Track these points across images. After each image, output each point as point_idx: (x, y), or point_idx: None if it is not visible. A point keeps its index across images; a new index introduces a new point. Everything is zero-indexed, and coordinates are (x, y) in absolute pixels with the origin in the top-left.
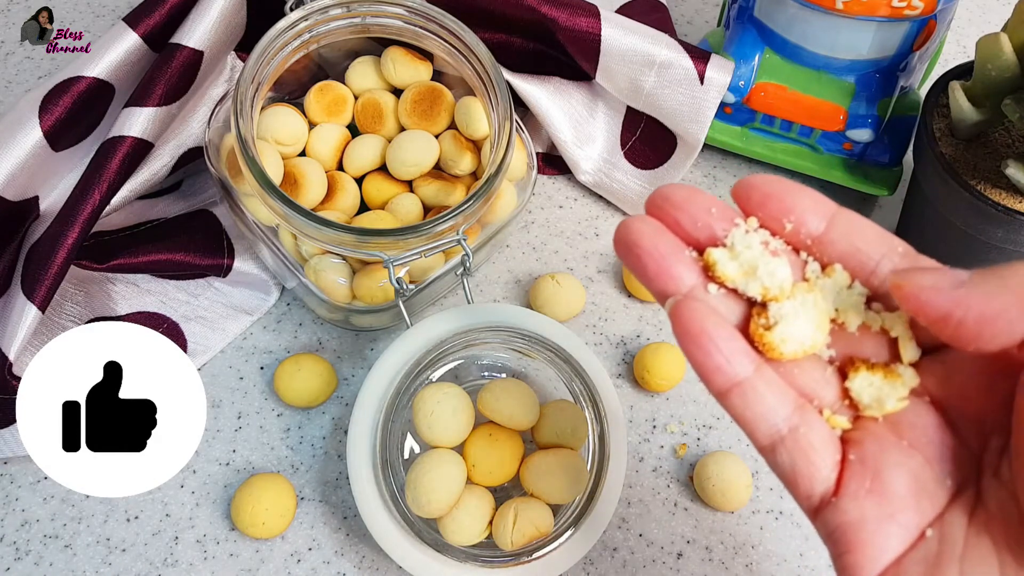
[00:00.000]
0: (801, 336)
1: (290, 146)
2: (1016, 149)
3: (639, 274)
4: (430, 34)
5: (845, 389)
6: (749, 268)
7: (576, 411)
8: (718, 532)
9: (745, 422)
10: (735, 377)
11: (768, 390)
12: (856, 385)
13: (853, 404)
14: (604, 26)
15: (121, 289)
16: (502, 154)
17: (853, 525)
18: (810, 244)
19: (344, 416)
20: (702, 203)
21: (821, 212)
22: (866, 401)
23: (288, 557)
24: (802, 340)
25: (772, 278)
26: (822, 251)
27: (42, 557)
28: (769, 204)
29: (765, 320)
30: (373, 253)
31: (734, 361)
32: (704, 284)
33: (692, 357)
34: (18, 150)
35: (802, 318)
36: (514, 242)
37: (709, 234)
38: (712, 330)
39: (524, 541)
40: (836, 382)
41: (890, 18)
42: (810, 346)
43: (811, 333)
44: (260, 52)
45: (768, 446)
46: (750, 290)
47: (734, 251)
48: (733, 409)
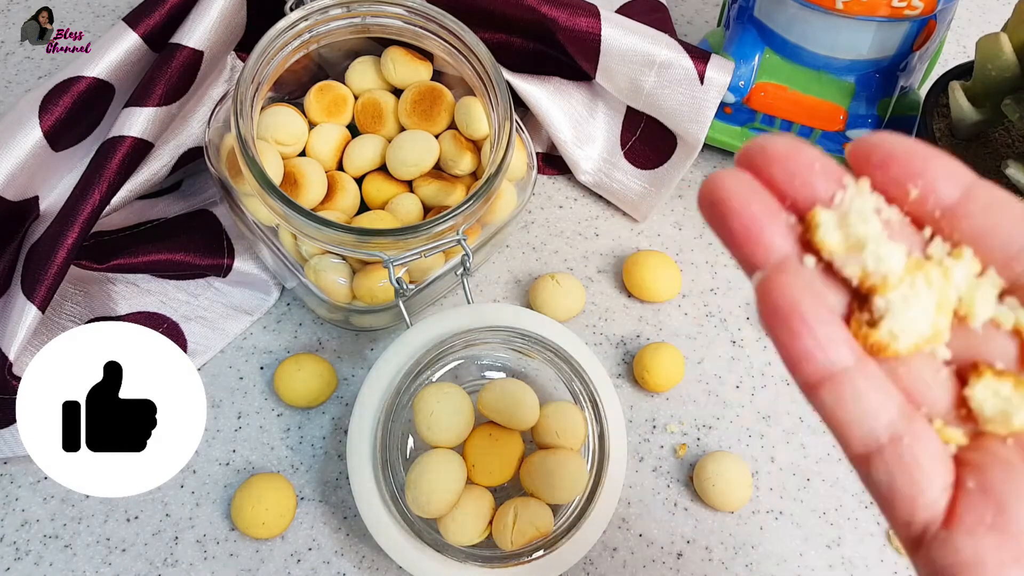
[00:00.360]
0: (919, 327)
1: (290, 146)
2: (1016, 149)
3: (724, 237)
4: (430, 34)
5: (963, 397)
6: (856, 242)
7: (576, 411)
8: (718, 532)
9: (837, 424)
10: (830, 367)
11: (870, 388)
12: (978, 394)
13: (971, 417)
14: (604, 26)
15: (121, 289)
16: (502, 154)
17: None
18: (938, 217)
19: (344, 416)
20: (805, 157)
21: (956, 180)
22: (989, 413)
23: (288, 557)
24: (920, 332)
25: (878, 263)
26: (952, 226)
27: (42, 557)
28: (892, 165)
29: (869, 315)
30: (373, 253)
31: (830, 348)
32: (800, 255)
33: (778, 340)
34: (18, 150)
35: (919, 305)
36: (514, 242)
37: (809, 194)
38: (807, 309)
39: (524, 541)
40: (952, 387)
41: (890, 18)
42: (931, 337)
43: (931, 323)
44: (260, 52)
45: (862, 456)
46: (847, 269)
47: (845, 219)
48: (823, 407)
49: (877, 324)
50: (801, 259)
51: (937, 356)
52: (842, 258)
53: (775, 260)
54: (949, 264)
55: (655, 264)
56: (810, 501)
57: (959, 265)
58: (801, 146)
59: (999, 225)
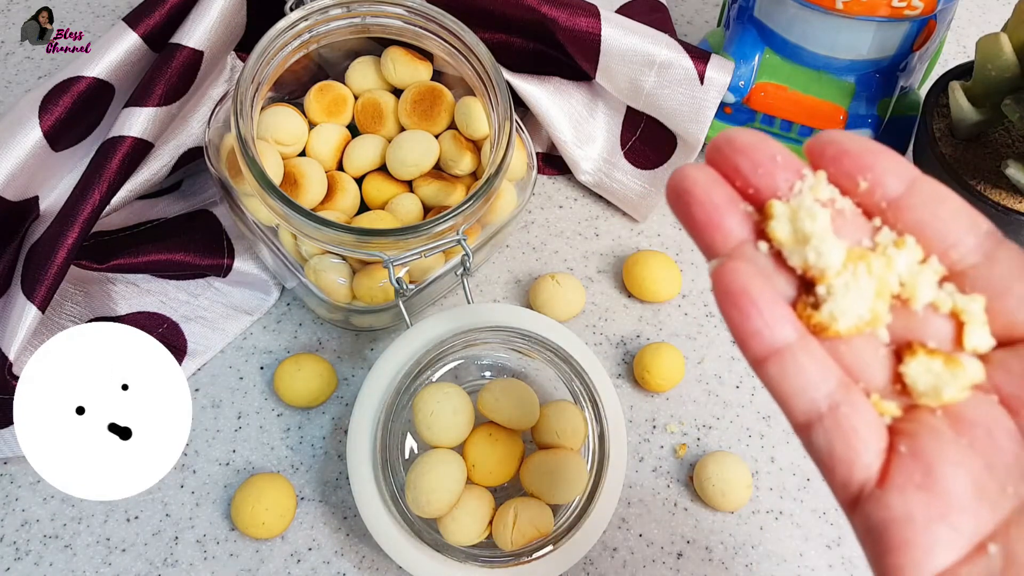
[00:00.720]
0: (858, 311)
1: (290, 146)
2: (1016, 149)
3: (687, 224)
4: (430, 34)
5: (899, 374)
6: (802, 237)
7: (576, 411)
8: (718, 532)
9: (781, 395)
10: (774, 344)
11: (810, 361)
12: (912, 370)
13: (906, 392)
14: (604, 26)
15: (121, 289)
16: (502, 154)
17: (898, 522)
18: (884, 208)
19: (344, 416)
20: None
21: (902, 175)
22: (921, 388)
23: (288, 557)
24: (859, 315)
25: (819, 257)
26: (896, 217)
27: (42, 557)
28: (845, 160)
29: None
30: (373, 253)
31: (775, 326)
32: (754, 241)
33: (729, 319)
34: (18, 150)
35: (858, 292)
36: (514, 242)
37: (770, 183)
38: (755, 292)
39: (524, 541)
40: (889, 365)
41: (890, 18)
42: (870, 320)
43: (870, 305)
44: (260, 52)
45: (804, 424)
46: (792, 260)
47: (796, 214)
48: (769, 380)
49: (819, 307)
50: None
51: (879, 337)
52: (789, 249)
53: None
54: (892, 253)
55: (655, 264)
56: (810, 501)
57: (902, 254)
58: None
59: (938, 217)
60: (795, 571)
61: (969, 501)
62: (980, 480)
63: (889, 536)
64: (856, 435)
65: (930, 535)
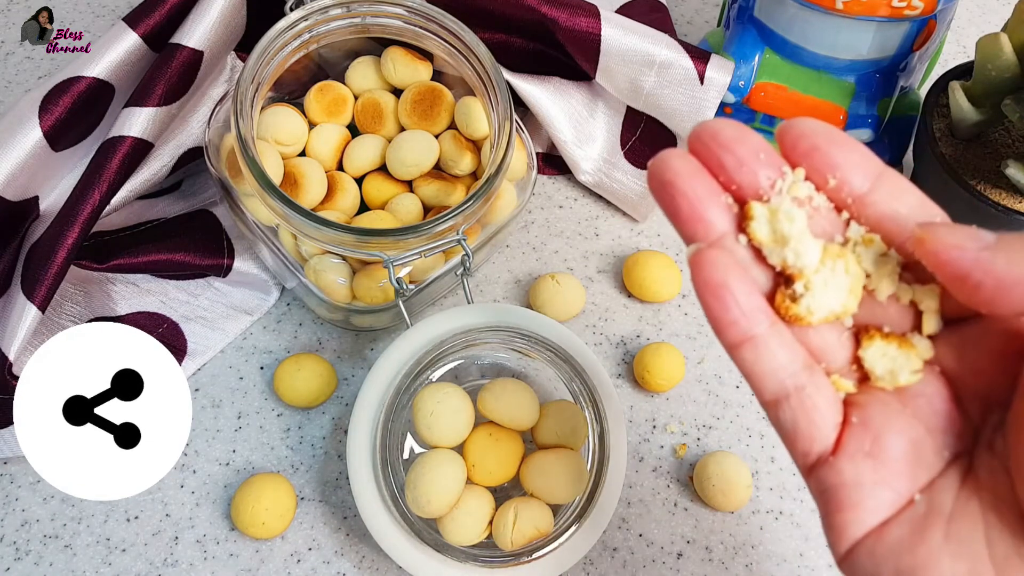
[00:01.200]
0: (831, 303)
1: (290, 146)
2: (1016, 149)
3: (670, 215)
4: (430, 34)
5: (857, 357)
6: (780, 238)
7: (576, 411)
8: (718, 532)
9: (753, 376)
10: (749, 332)
11: (780, 346)
12: (869, 355)
13: (864, 372)
14: (604, 26)
15: (121, 289)
16: (502, 154)
17: (846, 486)
18: (851, 203)
19: (344, 416)
20: (752, 145)
21: (867, 170)
22: (879, 372)
23: (288, 557)
24: (832, 307)
25: (797, 258)
26: (861, 211)
27: (42, 557)
28: (814, 157)
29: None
30: (373, 253)
31: (751, 316)
32: (735, 233)
33: (708, 308)
34: (18, 150)
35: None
36: (514, 242)
37: (752, 180)
38: (733, 284)
39: (524, 541)
40: (850, 347)
41: (890, 18)
42: (841, 311)
43: (843, 299)
44: (260, 52)
45: (772, 401)
46: (772, 258)
47: (775, 216)
48: (743, 363)
49: (797, 300)
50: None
51: (843, 323)
52: (768, 249)
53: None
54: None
55: (655, 264)
56: (810, 501)
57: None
58: (748, 134)
59: (898, 210)
60: (795, 571)
61: (907, 465)
62: (920, 445)
63: (839, 498)
64: (817, 411)
65: (873, 496)
